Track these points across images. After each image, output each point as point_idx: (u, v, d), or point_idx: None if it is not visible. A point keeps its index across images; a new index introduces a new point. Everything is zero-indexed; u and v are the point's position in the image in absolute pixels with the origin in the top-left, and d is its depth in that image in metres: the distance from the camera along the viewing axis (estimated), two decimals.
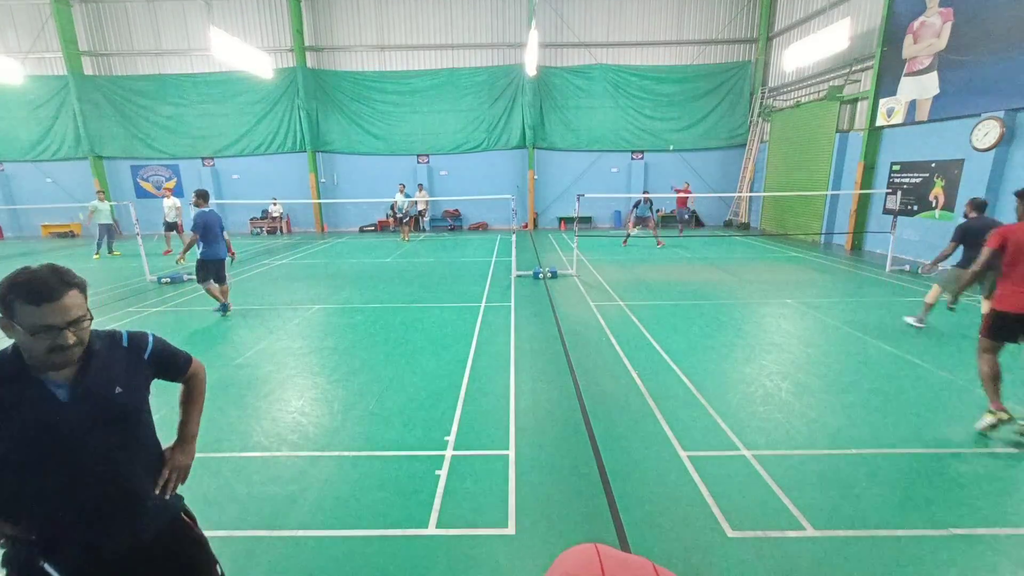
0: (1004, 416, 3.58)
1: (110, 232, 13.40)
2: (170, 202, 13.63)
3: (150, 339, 1.60)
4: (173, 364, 1.68)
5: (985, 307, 4.59)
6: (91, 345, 1.40)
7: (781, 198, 15.71)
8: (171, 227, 13.67)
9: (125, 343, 1.53)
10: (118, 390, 1.44)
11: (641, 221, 14.33)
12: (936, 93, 10.25)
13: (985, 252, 3.67)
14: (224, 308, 7.13)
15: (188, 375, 1.75)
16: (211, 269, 6.99)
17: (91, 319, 1.38)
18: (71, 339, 1.30)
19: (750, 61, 17.64)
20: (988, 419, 3.63)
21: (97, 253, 13.26)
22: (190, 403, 1.79)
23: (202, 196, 6.94)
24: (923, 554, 2.55)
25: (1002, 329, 3.66)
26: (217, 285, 7.11)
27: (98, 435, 1.39)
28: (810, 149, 14.49)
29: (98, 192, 14.15)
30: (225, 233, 7.13)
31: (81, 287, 1.35)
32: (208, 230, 6.84)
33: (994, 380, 3.65)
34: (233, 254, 7.31)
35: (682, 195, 16.09)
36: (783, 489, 3.06)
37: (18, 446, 1.29)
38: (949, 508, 2.89)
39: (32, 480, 1.33)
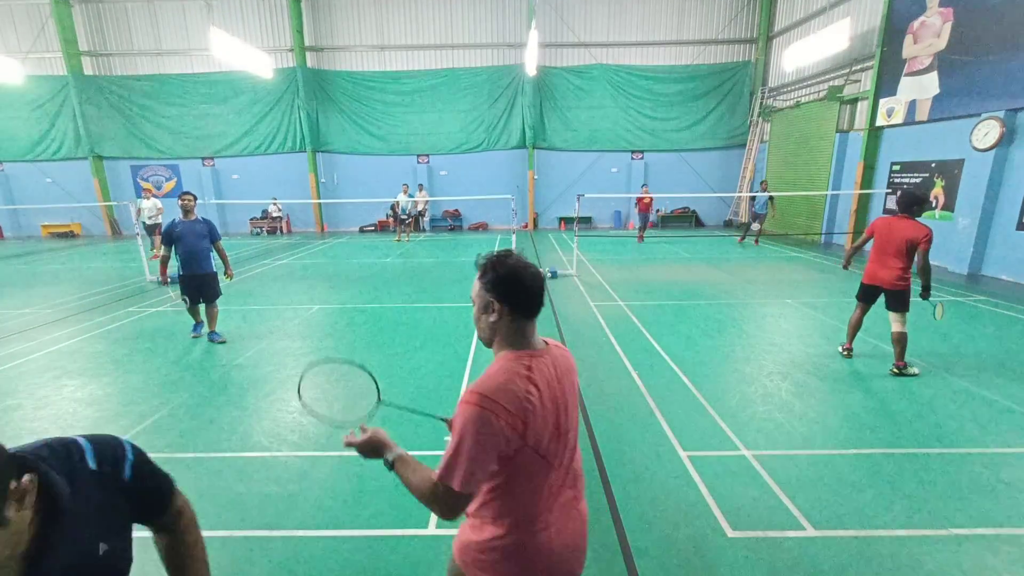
0: (846, 354, 5.18)
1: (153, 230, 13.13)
2: (150, 203, 12.82)
3: (127, 447, 0.96)
4: (156, 488, 1.03)
5: None
6: (44, 488, 0.80)
7: (781, 198, 15.71)
8: (151, 230, 12.51)
9: (93, 463, 0.90)
10: (103, 548, 0.88)
11: (759, 217, 13.67)
12: (936, 93, 10.26)
13: (862, 237, 5.01)
14: (198, 328, 6.12)
15: (175, 509, 1.06)
16: (188, 287, 5.90)
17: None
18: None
19: (750, 61, 17.63)
20: (841, 350, 5.25)
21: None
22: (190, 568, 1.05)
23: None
24: (923, 554, 2.55)
25: (861, 293, 5.01)
26: (205, 307, 6.05)
27: None
28: (810, 149, 14.50)
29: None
30: (218, 242, 6.05)
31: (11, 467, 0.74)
32: (175, 242, 5.78)
33: (854, 328, 5.10)
34: (229, 273, 6.14)
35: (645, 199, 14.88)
36: (783, 489, 3.06)
37: None
38: (949, 508, 2.89)
39: None
